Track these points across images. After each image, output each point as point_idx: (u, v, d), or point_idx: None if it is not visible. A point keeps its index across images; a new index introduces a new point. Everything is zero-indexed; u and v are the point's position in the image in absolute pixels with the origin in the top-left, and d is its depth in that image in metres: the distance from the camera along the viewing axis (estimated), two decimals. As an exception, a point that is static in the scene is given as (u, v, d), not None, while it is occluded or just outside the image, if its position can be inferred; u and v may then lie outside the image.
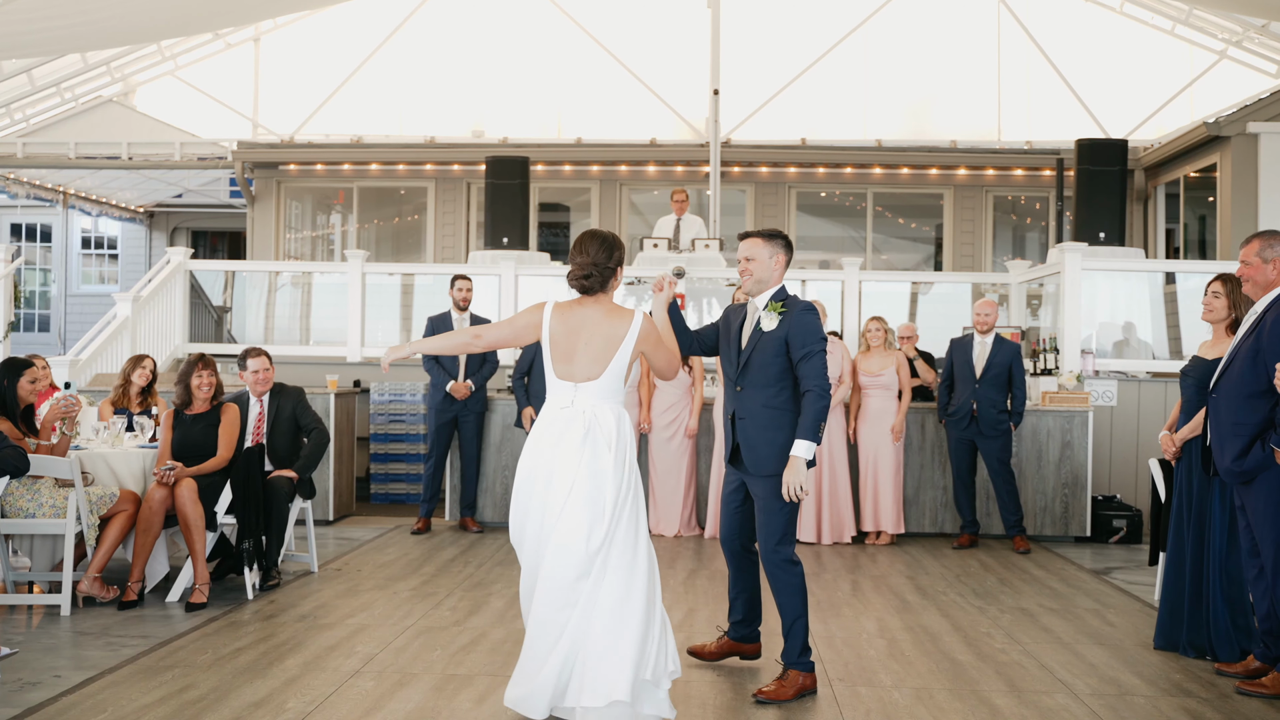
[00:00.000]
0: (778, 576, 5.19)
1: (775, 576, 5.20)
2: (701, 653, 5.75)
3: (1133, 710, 5.07)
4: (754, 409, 5.19)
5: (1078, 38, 16.59)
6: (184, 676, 5.35)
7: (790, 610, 5.19)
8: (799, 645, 5.18)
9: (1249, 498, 5.29)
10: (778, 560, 5.18)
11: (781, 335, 5.13)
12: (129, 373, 8.38)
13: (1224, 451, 5.34)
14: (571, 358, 4.81)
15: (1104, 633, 6.54)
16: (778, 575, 5.19)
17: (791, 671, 5.18)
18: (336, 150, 16.85)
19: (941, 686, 5.38)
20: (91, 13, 11.32)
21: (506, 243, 13.34)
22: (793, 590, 5.19)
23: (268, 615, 6.66)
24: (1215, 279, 6.19)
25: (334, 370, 11.50)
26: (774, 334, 5.14)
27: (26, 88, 15.94)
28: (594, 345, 4.79)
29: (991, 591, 7.64)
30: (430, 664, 5.62)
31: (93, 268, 22.88)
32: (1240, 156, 13.61)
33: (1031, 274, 12.55)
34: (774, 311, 5.18)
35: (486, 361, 9.93)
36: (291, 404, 7.83)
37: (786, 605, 5.20)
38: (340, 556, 8.56)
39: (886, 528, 9.46)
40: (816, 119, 16.61)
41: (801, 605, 5.19)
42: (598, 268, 4.82)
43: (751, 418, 5.20)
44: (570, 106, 17.02)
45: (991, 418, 9.22)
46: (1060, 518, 9.85)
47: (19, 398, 6.86)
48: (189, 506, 6.90)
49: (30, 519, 6.69)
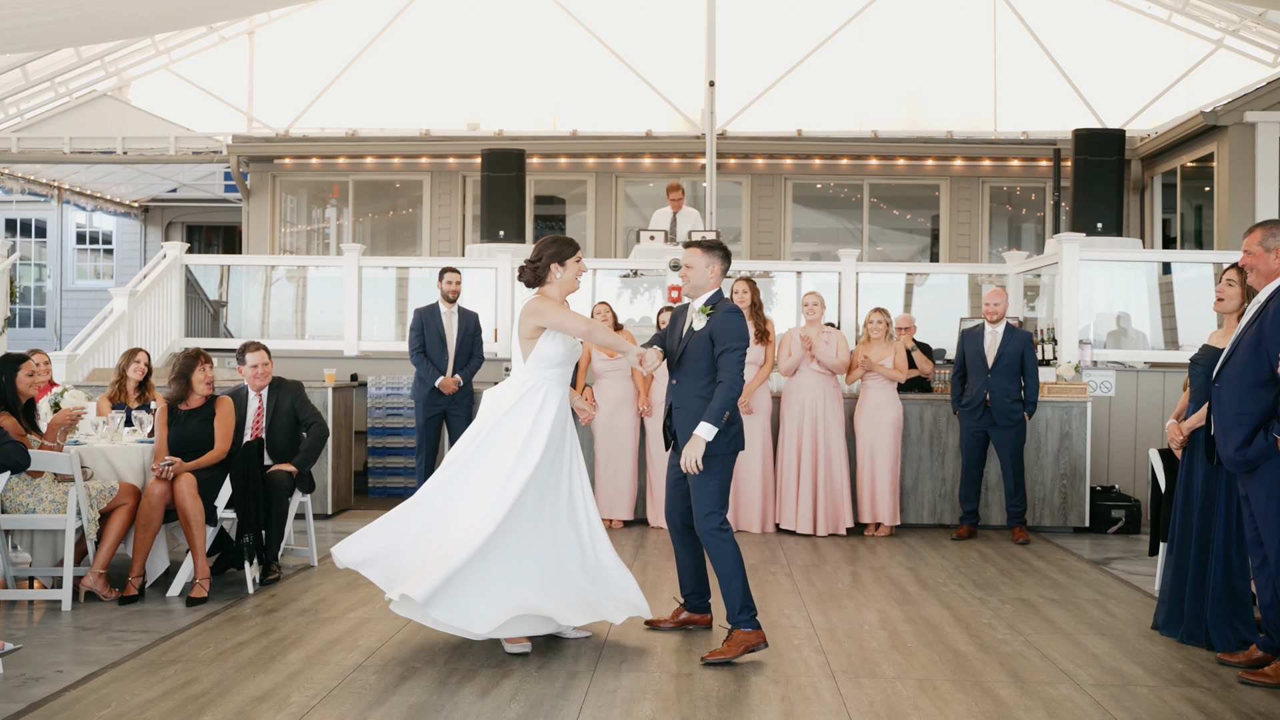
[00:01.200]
0: (710, 543, 5.69)
1: (709, 544, 5.70)
2: (659, 624, 6.25)
3: (1136, 700, 5.08)
4: (687, 399, 5.79)
5: (1074, 27, 16.55)
6: (186, 671, 5.34)
7: (724, 572, 5.64)
8: (737, 604, 5.60)
9: (1252, 487, 5.29)
10: (708, 529, 5.68)
11: (707, 333, 5.72)
12: (124, 367, 8.36)
13: (1227, 441, 5.34)
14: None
15: (1105, 623, 6.54)
16: (710, 542, 5.69)
17: (737, 631, 5.59)
18: (331, 144, 16.80)
19: (944, 678, 5.38)
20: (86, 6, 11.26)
21: (503, 236, 13.31)
22: (724, 554, 5.64)
23: (268, 610, 6.65)
24: (1230, 267, 6.19)
25: (331, 364, 11.48)
26: (702, 333, 5.74)
27: (21, 82, 15.86)
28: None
29: (992, 582, 7.65)
30: (432, 658, 5.61)
31: (88, 263, 22.82)
32: (1237, 146, 13.61)
33: (1029, 265, 12.55)
34: (704, 313, 5.78)
35: (474, 356, 9.92)
36: (291, 398, 7.82)
37: (720, 568, 5.65)
38: (340, 550, 8.53)
39: (884, 519, 9.47)
40: (812, 110, 16.58)
41: (735, 567, 5.62)
42: (528, 263, 5.89)
43: (684, 407, 5.80)
44: (565, 99, 16.98)
45: (1005, 407, 9.21)
46: (1059, 508, 9.85)
47: (19, 392, 6.83)
48: (189, 501, 6.89)
49: (30, 514, 6.68)
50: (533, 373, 5.80)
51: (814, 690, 5.16)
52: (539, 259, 5.83)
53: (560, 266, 5.81)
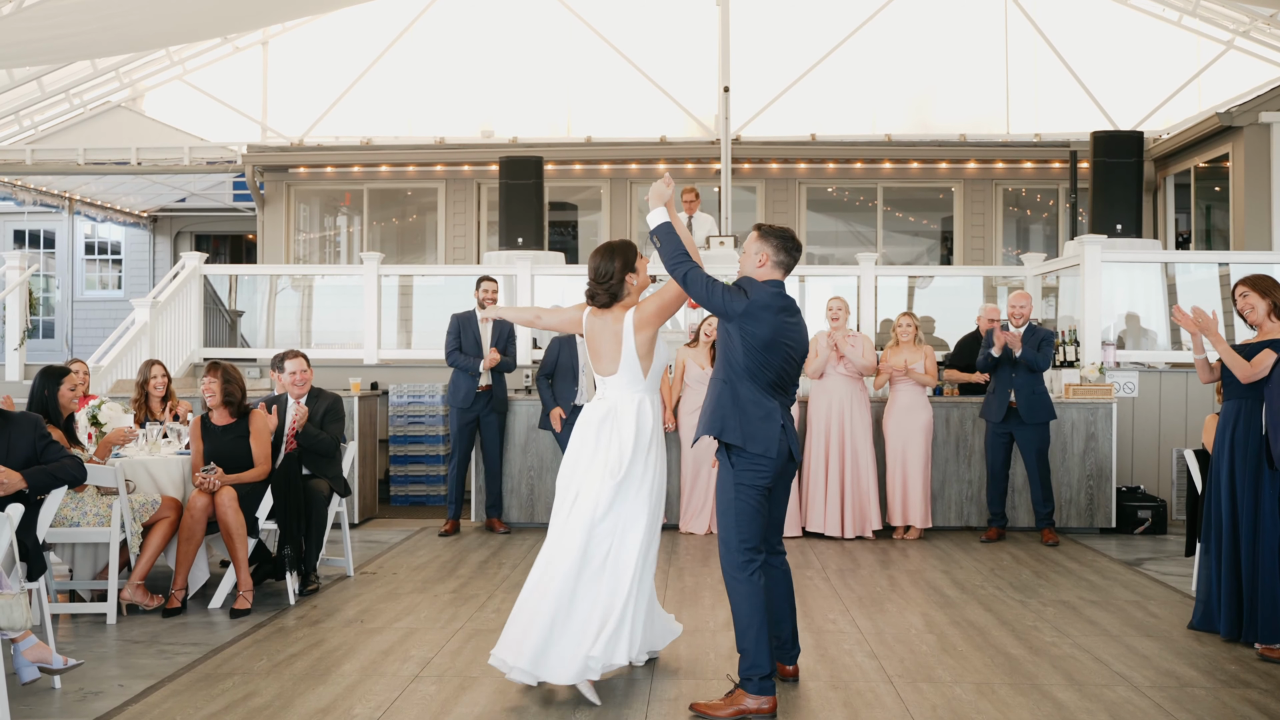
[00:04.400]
0: (726, 583, 5.13)
1: (725, 583, 5.15)
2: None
3: (1196, 703, 5.09)
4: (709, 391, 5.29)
5: (1084, 29, 16.60)
6: (244, 684, 5.35)
7: (738, 619, 5.06)
8: (748, 660, 5.01)
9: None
10: (724, 566, 5.11)
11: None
12: (141, 382, 8.39)
13: None
14: (599, 357, 5.42)
15: (1149, 624, 6.57)
16: (726, 582, 5.13)
17: (739, 691, 5.00)
18: (346, 152, 16.82)
19: (1001, 681, 5.40)
20: (104, 20, 11.30)
21: (521, 242, 13.33)
22: (740, 598, 5.04)
23: (313, 620, 6.66)
24: (1237, 285, 6.15)
25: (351, 373, 11.50)
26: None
27: (36, 94, 15.87)
28: (609, 344, 5.37)
29: (1029, 584, 7.67)
30: (488, 667, 5.59)
31: (95, 273, 22.82)
32: (1253, 146, 13.64)
33: (1047, 267, 12.58)
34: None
35: (506, 353, 9.92)
36: (324, 408, 7.82)
37: (735, 613, 5.10)
38: (372, 560, 8.56)
39: (915, 522, 9.49)
40: (826, 115, 16.62)
41: (751, 615, 5.01)
42: (599, 283, 5.40)
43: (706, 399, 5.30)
44: (579, 105, 17.01)
45: (1030, 406, 9.19)
46: (1085, 509, 9.88)
47: (61, 405, 6.84)
48: (230, 514, 6.90)
49: (75, 528, 6.68)
50: (654, 383, 5.44)
51: (874, 696, 5.18)
52: (610, 276, 5.35)
53: (634, 274, 5.39)
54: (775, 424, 5.01)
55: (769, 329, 4.98)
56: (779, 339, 5.02)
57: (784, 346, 5.04)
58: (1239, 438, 6.04)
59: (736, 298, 4.98)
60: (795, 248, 5.15)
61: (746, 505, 4.99)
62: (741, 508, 4.99)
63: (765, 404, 5.01)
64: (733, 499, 5.00)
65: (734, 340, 5.03)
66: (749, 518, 4.99)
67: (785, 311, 5.06)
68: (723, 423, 5.02)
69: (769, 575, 5.18)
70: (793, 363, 5.12)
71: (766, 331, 4.98)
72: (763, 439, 4.97)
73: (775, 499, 5.19)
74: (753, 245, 5.15)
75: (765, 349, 5.00)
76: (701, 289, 4.99)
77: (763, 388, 5.02)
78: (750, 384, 5.01)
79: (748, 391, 5.01)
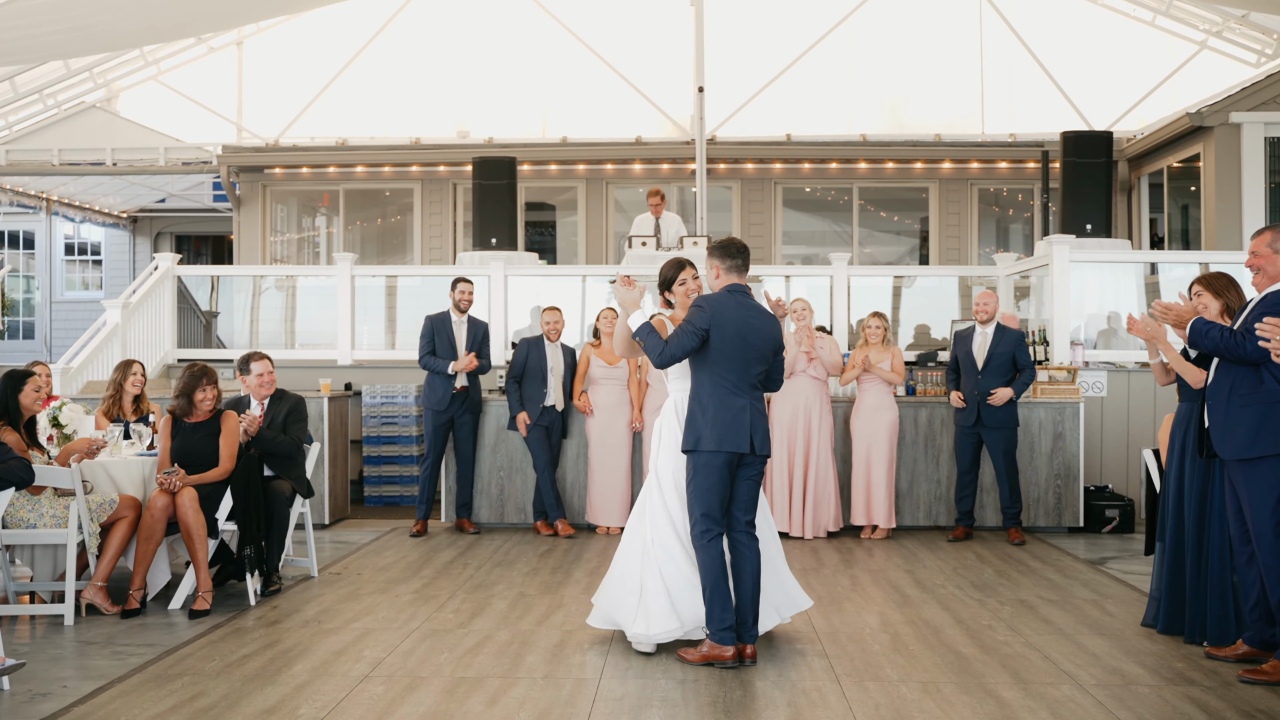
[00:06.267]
0: (695, 549, 5.81)
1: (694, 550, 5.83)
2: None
3: (1138, 700, 5.13)
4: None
5: (1059, 30, 16.66)
6: (193, 684, 5.36)
7: (705, 581, 5.77)
8: (714, 614, 5.75)
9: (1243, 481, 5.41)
10: (691, 535, 5.83)
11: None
12: (119, 381, 8.36)
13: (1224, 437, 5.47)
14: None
15: (1104, 623, 6.60)
16: (695, 548, 5.81)
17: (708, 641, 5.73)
18: (322, 153, 16.81)
19: (948, 680, 5.43)
20: (75, 19, 11.27)
21: (495, 243, 13.33)
22: (703, 563, 5.74)
23: (272, 621, 6.66)
24: (1193, 283, 6.22)
25: (324, 374, 11.50)
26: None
27: (9, 95, 15.83)
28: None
29: (990, 584, 7.70)
30: (439, 667, 5.64)
31: (76, 274, 22.74)
32: (1224, 146, 13.70)
33: (1018, 266, 12.62)
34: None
35: (481, 355, 9.93)
36: (286, 410, 7.81)
37: (703, 576, 5.78)
38: (339, 560, 8.57)
39: (879, 521, 9.51)
40: (801, 115, 16.65)
41: (714, 577, 5.72)
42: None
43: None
44: (555, 106, 17.02)
45: (997, 408, 9.25)
46: (1053, 509, 9.92)
47: (23, 408, 6.83)
48: (190, 515, 6.89)
49: (31, 529, 6.68)
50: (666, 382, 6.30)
51: (819, 695, 5.20)
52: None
53: (668, 288, 6.40)
54: (744, 419, 5.67)
55: (733, 326, 5.68)
56: (745, 333, 5.70)
57: (751, 340, 5.72)
58: (1190, 440, 6.08)
59: (699, 318, 5.67)
60: (737, 250, 5.90)
61: (704, 480, 5.65)
62: (699, 483, 5.66)
63: (735, 401, 5.67)
64: (693, 475, 5.70)
65: (707, 348, 5.69)
66: (704, 492, 5.65)
67: (746, 309, 5.76)
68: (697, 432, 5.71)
69: (736, 552, 5.77)
70: (760, 354, 5.76)
71: (732, 330, 5.67)
72: (729, 437, 5.67)
73: (741, 483, 5.78)
74: (706, 266, 5.96)
75: (735, 346, 5.68)
76: (679, 350, 5.67)
77: (732, 385, 5.68)
78: (718, 382, 5.68)
79: (714, 389, 5.69)
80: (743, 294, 5.83)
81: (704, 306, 5.71)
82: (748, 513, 5.81)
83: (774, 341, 5.84)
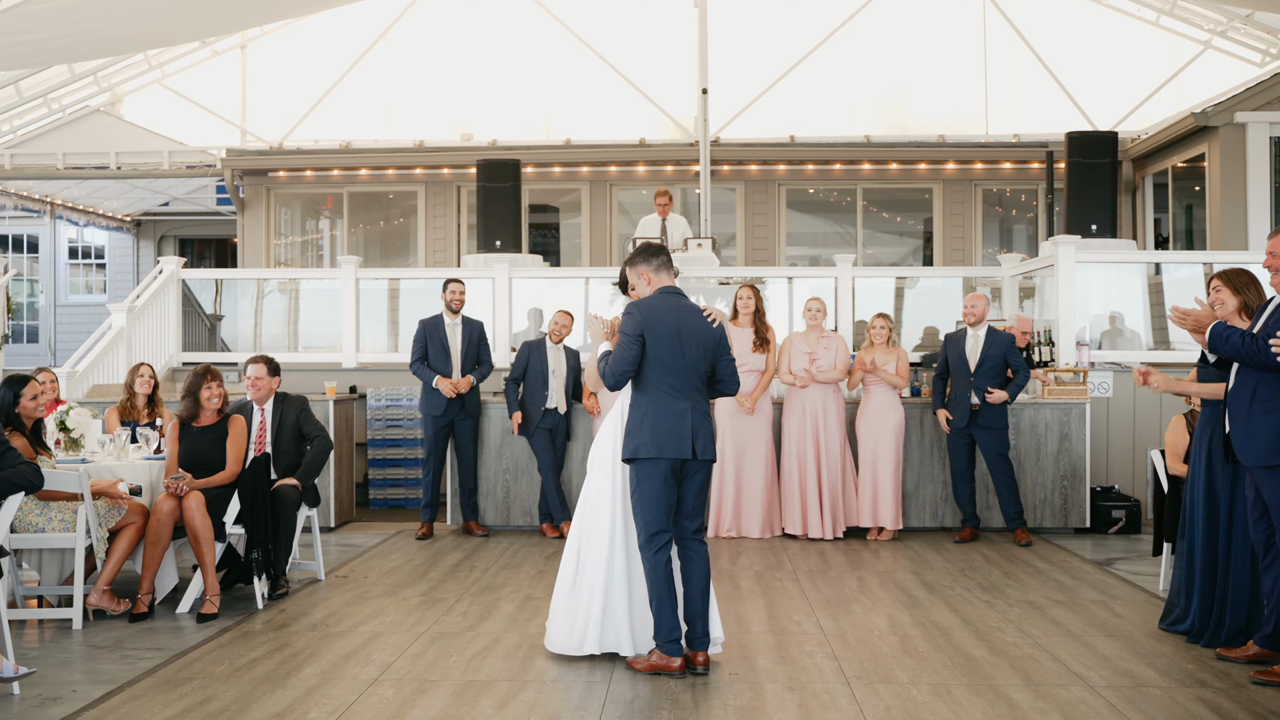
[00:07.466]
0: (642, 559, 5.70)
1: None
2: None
3: (1150, 702, 5.12)
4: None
5: (1063, 30, 16.64)
6: (203, 688, 5.36)
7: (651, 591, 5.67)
8: (662, 625, 5.63)
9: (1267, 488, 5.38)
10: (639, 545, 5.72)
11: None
12: (130, 383, 8.40)
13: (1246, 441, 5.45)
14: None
15: (1112, 624, 6.59)
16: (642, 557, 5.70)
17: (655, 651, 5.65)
18: (325, 156, 16.81)
19: (958, 682, 5.42)
20: (80, 24, 11.28)
21: (499, 245, 13.32)
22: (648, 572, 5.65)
23: (279, 625, 6.66)
24: (1212, 279, 6.21)
25: (329, 377, 11.49)
26: None
27: (14, 99, 15.83)
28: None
29: (997, 585, 7.69)
30: (448, 670, 5.64)
31: (80, 277, 22.76)
32: (1228, 146, 13.69)
33: (1023, 267, 12.61)
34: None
35: (482, 363, 9.93)
36: (295, 412, 7.83)
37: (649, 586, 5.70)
38: (345, 563, 8.56)
39: (886, 524, 9.50)
40: (805, 116, 16.64)
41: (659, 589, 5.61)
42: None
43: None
44: (558, 108, 17.01)
45: (988, 410, 9.26)
46: (1060, 509, 9.90)
47: (23, 413, 6.82)
48: (197, 519, 6.89)
49: (40, 534, 6.68)
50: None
51: (830, 697, 5.20)
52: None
53: (627, 287, 6.16)
54: (685, 423, 5.56)
55: (667, 329, 5.60)
56: (681, 335, 5.61)
57: (688, 342, 5.62)
58: (1217, 444, 6.02)
59: (630, 324, 5.60)
60: (654, 251, 5.84)
61: (648, 490, 5.55)
62: (643, 492, 5.56)
63: (675, 405, 5.57)
64: (636, 485, 5.59)
65: (646, 354, 5.60)
66: (650, 501, 5.54)
67: (681, 311, 5.67)
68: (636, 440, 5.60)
69: (685, 558, 5.66)
70: (700, 355, 5.65)
71: (666, 332, 5.59)
72: (669, 444, 5.55)
73: (687, 488, 5.66)
74: (633, 278, 5.85)
75: (671, 350, 5.59)
76: (621, 362, 5.59)
77: (671, 389, 5.59)
78: (657, 385, 5.59)
79: (653, 394, 5.59)
80: (677, 295, 5.75)
81: (634, 312, 5.63)
82: (695, 519, 5.70)
83: (713, 342, 5.71)
